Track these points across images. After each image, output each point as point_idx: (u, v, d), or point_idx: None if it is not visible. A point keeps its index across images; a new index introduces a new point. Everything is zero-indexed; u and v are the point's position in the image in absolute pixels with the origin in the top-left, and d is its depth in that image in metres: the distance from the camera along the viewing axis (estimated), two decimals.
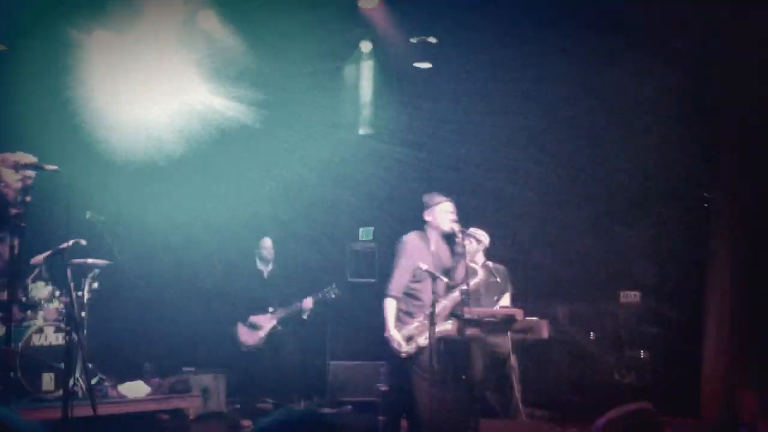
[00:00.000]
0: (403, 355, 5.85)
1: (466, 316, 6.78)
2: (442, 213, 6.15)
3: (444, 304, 6.02)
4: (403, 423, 6.46)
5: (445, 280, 5.98)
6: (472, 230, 7.27)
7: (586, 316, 8.17)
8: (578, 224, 8.56)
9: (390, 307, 5.97)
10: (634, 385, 7.63)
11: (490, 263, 7.26)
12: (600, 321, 8.13)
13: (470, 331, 6.91)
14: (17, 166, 3.56)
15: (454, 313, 6.16)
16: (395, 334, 5.89)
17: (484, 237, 7.20)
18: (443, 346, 6.01)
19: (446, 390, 5.91)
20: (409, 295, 6.02)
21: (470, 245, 7.16)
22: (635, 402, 3.70)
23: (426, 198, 6.30)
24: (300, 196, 9.76)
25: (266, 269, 8.52)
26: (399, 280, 6.00)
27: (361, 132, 9.79)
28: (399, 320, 5.98)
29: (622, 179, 8.37)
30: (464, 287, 6.00)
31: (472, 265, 6.26)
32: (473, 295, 6.96)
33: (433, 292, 5.98)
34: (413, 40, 8.65)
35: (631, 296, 8.10)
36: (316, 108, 9.40)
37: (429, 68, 8.95)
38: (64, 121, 8.34)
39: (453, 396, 6.04)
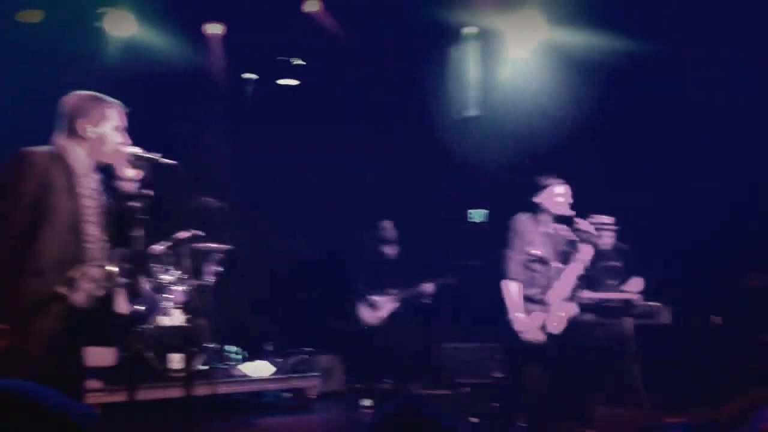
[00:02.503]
0: (529, 340, 5.75)
1: (584, 300, 6.70)
2: (553, 196, 6.02)
3: (558, 289, 5.89)
4: None
5: (554, 264, 5.85)
6: (602, 219, 7.14)
7: (711, 298, 7.83)
8: (699, 200, 8.17)
9: (512, 289, 5.88)
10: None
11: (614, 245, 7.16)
12: (727, 304, 7.78)
13: (588, 316, 6.83)
14: (135, 161, 3.72)
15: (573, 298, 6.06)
16: (520, 319, 5.78)
17: (612, 226, 7.11)
18: (560, 332, 5.88)
19: (561, 377, 5.80)
20: (526, 279, 5.91)
21: (604, 236, 7.06)
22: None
23: (538, 180, 6.20)
24: (412, 178, 9.78)
25: (391, 252, 8.57)
26: (516, 262, 5.91)
27: (470, 114, 9.74)
28: None
29: (751, 150, 7.93)
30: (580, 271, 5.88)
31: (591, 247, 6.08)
32: (596, 279, 6.87)
33: (542, 277, 5.85)
34: (520, 12, 8.55)
35: (762, 279, 7.72)
36: (422, 91, 9.41)
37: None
38: None
39: (568, 383, 5.92)
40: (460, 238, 9.51)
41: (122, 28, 8.38)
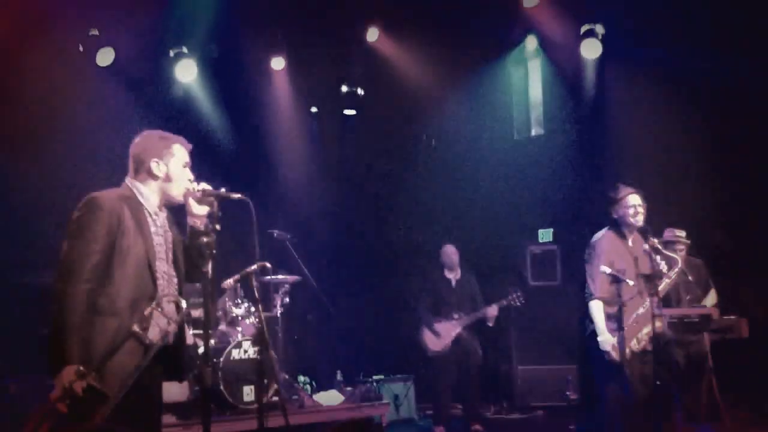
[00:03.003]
0: (617, 359, 5.57)
1: (662, 317, 6.52)
2: (628, 207, 5.78)
3: (641, 307, 5.72)
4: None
5: (631, 283, 5.63)
6: (676, 233, 7.02)
7: None
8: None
9: (597, 309, 5.70)
10: None
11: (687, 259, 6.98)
12: None
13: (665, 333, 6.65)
14: (203, 197, 3.76)
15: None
16: (608, 338, 5.62)
17: (684, 239, 7.05)
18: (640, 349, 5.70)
19: (639, 396, 5.65)
20: (608, 298, 5.71)
21: (681, 250, 6.90)
22: None
23: (611, 193, 5.97)
24: (475, 201, 9.73)
25: (454, 277, 8.49)
26: (600, 282, 5.70)
27: (533, 133, 9.66)
28: None
29: None
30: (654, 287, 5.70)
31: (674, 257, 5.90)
32: (671, 296, 6.66)
33: (619, 296, 5.62)
34: (584, 29, 8.46)
35: None
36: (483, 109, 9.39)
37: (598, 59, 8.68)
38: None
39: (646, 402, 5.75)
40: (525, 259, 9.40)
41: (186, 73, 8.68)
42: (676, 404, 6.64)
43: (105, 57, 8.00)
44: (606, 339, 5.62)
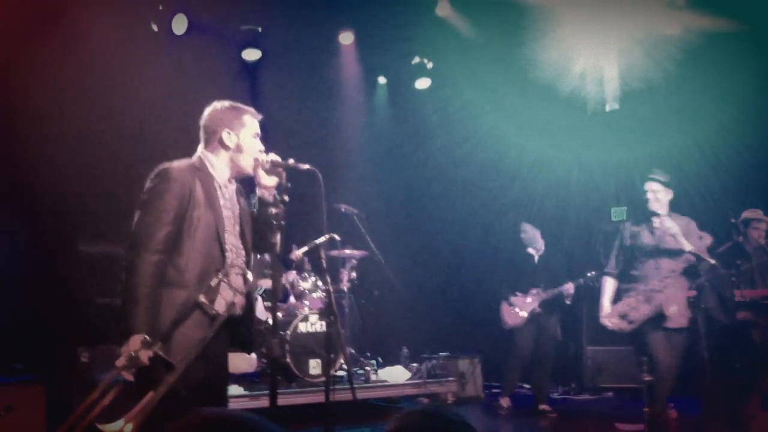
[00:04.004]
0: (610, 327, 6.01)
1: (737, 299, 6.33)
2: (644, 194, 6.13)
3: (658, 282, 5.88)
4: (672, 414, 6.24)
5: (654, 259, 5.87)
6: (755, 213, 6.87)
7: None
8: None
9: (604, 284, 6.23)
10: None
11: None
12: None
13: (742, 315, 6.46)
14: (272, 168, 3.72)
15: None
16: (605, 311, 6.03)
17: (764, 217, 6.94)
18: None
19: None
20: (628, 275, 6.09)
21: (761, 228, 6.79)
22: None
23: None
24: (548, 178, 9.53)
25: (537, 253, 8.35)
26: (612, 259, 6.26)
27: (608, 108, 9.41)
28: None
29: None
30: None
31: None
32: (754, 276, 6.55)
33: (634, 273, 5.99)
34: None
35: None
36: (559, 85, 9.15)
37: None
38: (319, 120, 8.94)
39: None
40: (601, 238, 9.19)
41: (252, 55, 8.86)
42: (755, 389, 6.42)
43: (179, 24, 8.02)
44: (604, 312, 6.08)
